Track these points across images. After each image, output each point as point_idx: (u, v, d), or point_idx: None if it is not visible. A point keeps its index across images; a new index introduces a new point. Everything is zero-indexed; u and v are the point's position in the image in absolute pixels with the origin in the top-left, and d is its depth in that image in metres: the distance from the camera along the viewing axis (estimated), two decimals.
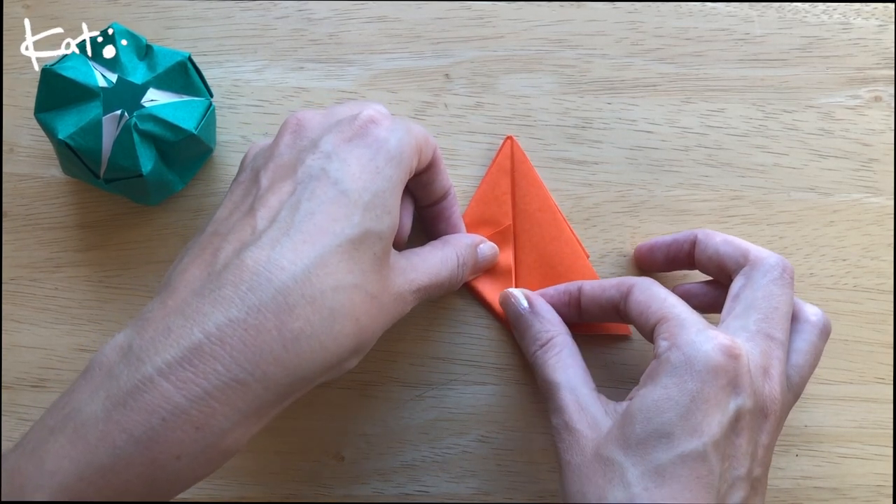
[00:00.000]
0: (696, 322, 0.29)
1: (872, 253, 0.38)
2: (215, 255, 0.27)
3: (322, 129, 0.29)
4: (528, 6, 0.39)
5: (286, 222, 0.26)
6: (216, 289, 0.25)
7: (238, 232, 0.27)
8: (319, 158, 0.28)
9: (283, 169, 0.28)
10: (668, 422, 0.27)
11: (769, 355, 0.29)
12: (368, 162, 0.28)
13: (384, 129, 0.29)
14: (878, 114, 0.39)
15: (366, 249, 0.27)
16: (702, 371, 0.28)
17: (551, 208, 0.37)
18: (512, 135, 0.38)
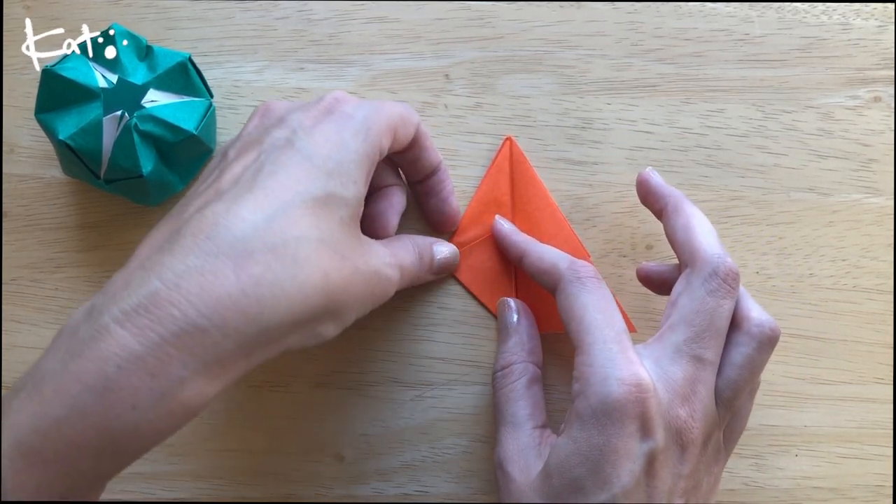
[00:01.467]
0: (605, 359, 0.28)
1: (872, 253, 0.38)
2: (179, 217, 0.27)
3: (289, 110, 0.29)
4: (527, 7, 0.39)
5: (249, 181, 0.26)
6: (176, 241, 0.25)
7: (202, 196, 0.27)
8: (285, 131, 0.28)
9: (249, 144, 0.29)
10: (579, 476, 0.28)
11: (693, 380, 0.29)
12: (334, 135, 0.28)
13: (350, 107, 0.29)
14: (878, 114, 0.39)
15: (331, 211, 0.27)
16: (608, 423, 0.27)
17: (550, 207, 0.37)
18: (511, 135, 0.38)
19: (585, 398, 0.28)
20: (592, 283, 0.31)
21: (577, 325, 0.30)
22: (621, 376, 0.28)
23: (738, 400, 0.30)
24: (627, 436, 0.27)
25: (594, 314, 0.30)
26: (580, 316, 0.30)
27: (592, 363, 0.28)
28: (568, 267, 0.31)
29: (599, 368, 0.28)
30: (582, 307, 0.30)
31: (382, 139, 0.29)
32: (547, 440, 0.31)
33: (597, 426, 0.28)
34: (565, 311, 0.31)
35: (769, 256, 0.38)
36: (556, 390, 0.36)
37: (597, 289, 0.31)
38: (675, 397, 0.28)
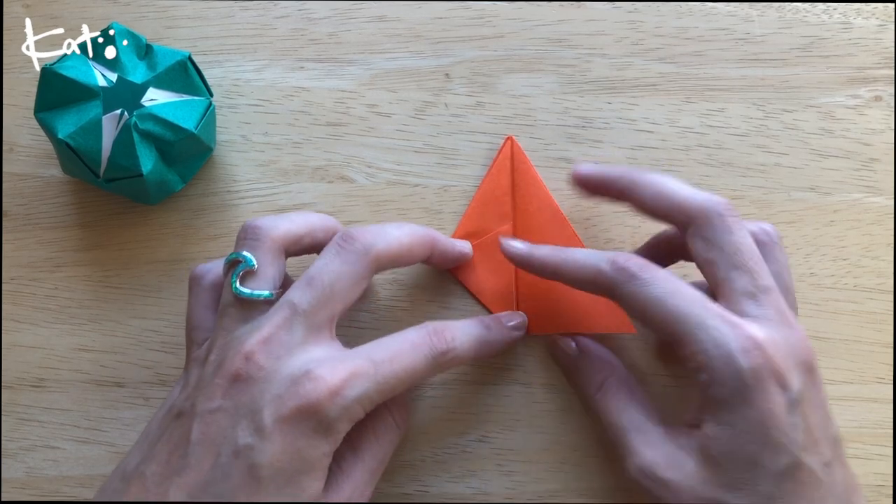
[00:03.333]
0: (712, 336, 0.28)
1: (873, 253, 0.38)
2: (128, 479, 0.28)
3: (266, 394, 0.27)
4: (528, 6, 0.39)
5: (194, 502, 0.27)
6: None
7: (157, 489, 0.27)
8: (248, 433, 0.27)
9: (213, 430, 0.27)
10: (752, 453, 0.28)
11: (777, 306, 0.29)
12: (292, 442, 0.27)
13: (324, 405, 0.27)
14: (879, 113, 0.39)
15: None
16: (753, 395, 0.28)
17: (552, 207, 0.37)
18: (512, 135, 0.38)
19: (719, 385, 0.28)
20: (646, 273, 0.30)
21: (661, 320, 0.29)
22: (739, 347, 0.28)
23: (795, 297, 0.32)
24: (773, 395, 0.28)
25: (671, 302, 0.29)
26: (659, 312, 0.29)
27: (705, 349, 0.28)
28: (612, 268, 0.30)
29: (714, 350, 0.28)
30: (655, 303, 0.29)
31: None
32: (679, 434, 0.30)
33: (744, 402, 0.28)
34: (639, 313, 0.30)
35: None
36: (556, 390, 0.36)
37: (654, 276, 0.30)
38: (780, 328, 0.29)
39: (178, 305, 0.37)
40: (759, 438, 0.28)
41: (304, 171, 0.38)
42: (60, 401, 0.36)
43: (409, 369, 0.29)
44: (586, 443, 0.36)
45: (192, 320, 0.32)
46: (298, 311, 0.28)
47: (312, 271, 0.29)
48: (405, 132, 0.38)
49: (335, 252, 0.30)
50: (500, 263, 0.36)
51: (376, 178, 0.38)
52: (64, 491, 0.36)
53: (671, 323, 0.29)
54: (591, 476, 0.36)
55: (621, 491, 0.36)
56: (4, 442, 0.36)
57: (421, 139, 0.38)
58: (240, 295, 0.30)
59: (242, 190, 0.38)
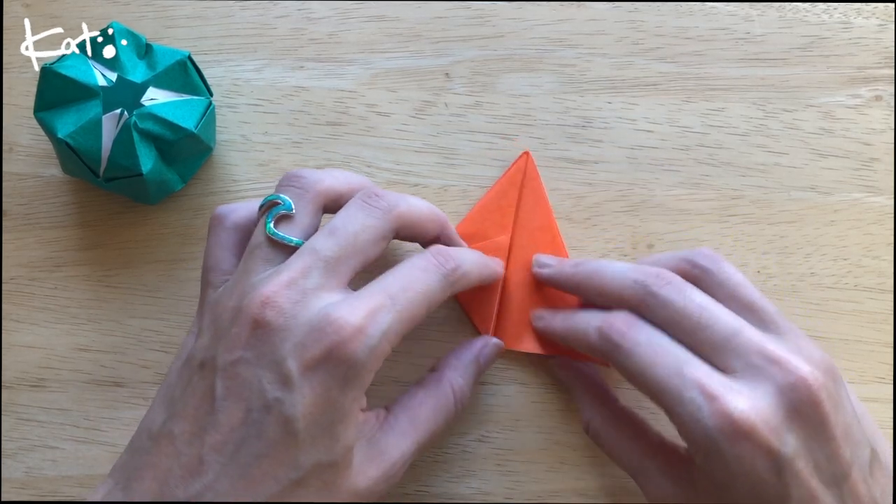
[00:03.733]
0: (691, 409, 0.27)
1: (873, 252, 0.38)
2: (166, 478, 0.27)
3: (287, 342, 0.27)
4: (528, 5, 0.39)
5: (231, 461, 0.26)
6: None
7: (189, 450, 0.27)
8: (276, 387, 0.26)
9: (238, 384, 0.27)
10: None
11: (758, 348, 0.28)
12: (324, 392, 0.26)
13: (351, 346, 0.27)
14: (879, 113, 0.39)
15: (313, 482, 0.27)
16: (733, 472, 0.27)
17: (552, 230, 0.37)
18: (529, 150, 0.37)
19: (704, 459, 0.27)
20: (628, 341, 0.29)
21: (646, 392, 0.29)
22: (717, 427, 0.26)
23: (765, 305, 0.31)
24: (759, 468, 0.26)
25: (650, 374, 0.28)
26: (642, 383, 0.29)
27: (685, 426, 0.27)
28: (599, 338, 0.30)
29: (694, 428, 0.27)
30: (637, 375, 0.29)
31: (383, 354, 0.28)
32: (674, 465, 0.31)
33: (729, 477, 0.27)
34: (628, 380, 0.30)
35: (770, 256, 0.38)
36: (556, 389, 0.36)
37: (635, 343, 0.29)
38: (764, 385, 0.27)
39: (177, 305, 0.37)
40: (752, 500, 0.27)
41: None
42: (60, 401, 0.36)
43: (424, 292, 0.29)
44: (586, 443, 0.36)
45: (209, 260, 0.31)
46: (319, 258, 0.28)
47: (336, 222, 0.29)
48: (405, 132, 0.38)
49: (360, 206, 0.30)
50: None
51: (376, 178, 0.38)
52: (63, 491, 0.36)
53: (654, 395, 0.28)
54: (591, 476, 0.36)
55: (621, 491, 0.36)
56: (4, 442, 0.36)
57: (421, 139, 0.38)
58: (273, 236, 0.29)
59: (242, 190, 0.38)
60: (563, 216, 0.37)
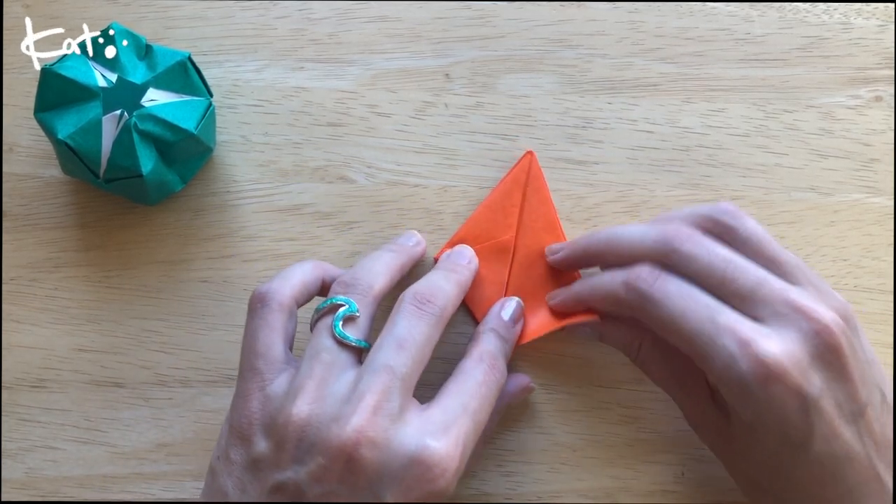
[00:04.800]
0: (723, 355, 0.28)
1: (873, 253, 0.38)
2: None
3: (384, 478, 0.27)
4: (528, 6, 0.39)
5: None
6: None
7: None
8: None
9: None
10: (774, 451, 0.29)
11: (783, 296, 0.29)
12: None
13: (449, 483, 0.27)
14: (879, 114, 0.39)
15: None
16: (764, 410, 0.28)
17: (556, 230, 0.37)
18: (533, 150, 0.37)
19: (736, 401, 0.29)
20: (658, 291, 0.30)
21: (677, 340, 0.30)
22: (750, 371, 0.28)
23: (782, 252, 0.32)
24: (789, 407, 0.28)
25: (682, 322, 0.29)
26: (673, 332, 0.30)
27: (717, 372, 0.29)
28: (626, 291, 0.31)
29: (726, 374, 0.28)
30: (668, 324, 0.30)
31: None
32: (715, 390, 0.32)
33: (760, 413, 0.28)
34: (658, 331, 0.31)
35: None
36: (556, 390, 0.36)
37: (665, 293, 0.30)
38: (791, 329, 0.29)
39: (177, 306, 0.37)
40: (778, 437, 0.28)
41: (303, 171, 0.38)
42: (60, 401, 0.36)
43: (489, 409, 0.30)
44: (586, 443, 0.36)
45: (258, 345, 0.30)
46: (397, 376, 0.28)
47: (401, 333, 0.29)
48: (405, 132, 0.38)
49: (418, 315, 0.30)
50: (493, 272, 0.36)
51: (376, 179, 0.38)
52: (64, 491, 0.36)
53: (685, 342, 0.29)
54: (590, 476, 0.36)
55: (621, 491, 0.36)
56: (4, 442, 0.36)
57: (421, 139, 0.38)
58: (344, 339, 0.29)
59: (242, 190, 0.38)
60: (563, 217, 0.37)
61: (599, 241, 0.33)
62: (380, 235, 0.37)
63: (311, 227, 0.37)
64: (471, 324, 0.37)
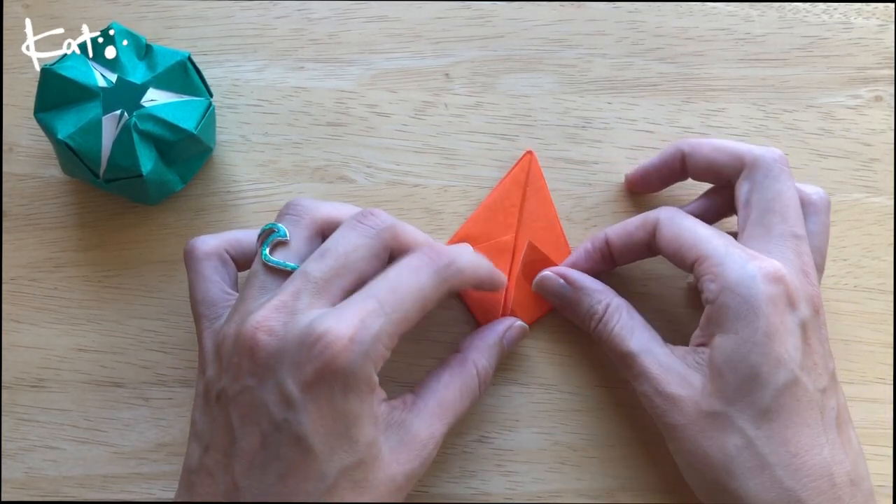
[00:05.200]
0: (735, 256, 0.30)
1: (873, 253, 0.38)
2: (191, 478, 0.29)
3: (282, 364, 0.27)
4: (528, 6, 0.39)
5: (260, 483, 0.27)
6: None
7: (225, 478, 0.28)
8: (282, 408, 0.27)
9: (249, 410, 0.28)
10: (753, 363, 0.29)
11: (800, 254, 0.31)
12: (328, 404, 0.27)
13: (343, 357, 0.27)
14: (879, 113, 0.39)
15: (343, 484, 0.27)
16: (762, 306, 0.29)
17: (556, 230, 0.37)
18: (532, 150, 0.37)
19: (731, 291, 0.30)
20: (663, 215, 0.33)
21: (692, 241, 0.31)
22: (757, 265, 0.30)
23: (824, 263, 0.34)
24: (782, 313, 0.29)
25: (703, 230, 0.32)
26: (691, 234, 0.31)
27: (724, 262, 0.30)
28: (663, 210, 0.33)
29: (733, 263, 0.30)
30: (690, 227, 0.32)
31: (380, 359, 0.28)
32: (681, 351, 0.32)
33: (752, 311, 0.29)
34: (673, 238, 0.32)
35: None
36: (556, 390, 0.36)
37: (669, 218, 0.32)
38: (797, 272, 0.30)
39: (177, 305, 0.37)
40: (762, 350, 0.29)
41: (303, 171, 0.38)
42: (60, 401, 0.36)
43: (416, 291, 0.28)
44: (585, 443, 0.36)
45: (196, 293, 0.32)
46: (310, 280, 0.28)
47: (328, 243, 0.29)
48: (405, 132, 0.38)
49: (352, 225, 0.30)
50: None
51: (376, 179, 0.38)
52: (63, 491, 0.36)
53: (698, 243, 0.31)
54: (590, 476, 0.36)
55: (621, 491, 0.36)
56: (4, 442, 0.36)
57: (421, 139, 0.38)
58: (268, 262, 0.30)
59: (242, 190, 0.38)
60: (563, 216, 0.37)
61: (696, 140, 0.35)
62: None
63: None
64: (471, 324, 0.37)
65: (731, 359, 0.29)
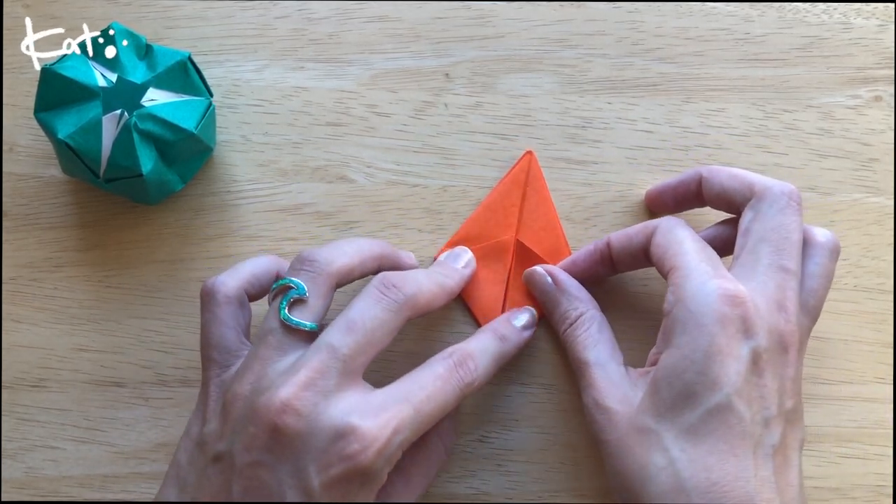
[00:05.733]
0: (701, 272, 0.29)
1: (873, 253, 0.38)
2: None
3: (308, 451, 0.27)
4: (528, 6, 0.39)
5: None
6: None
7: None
8: (296, 494, 0.27)
9: (257, 486, 0.27)
10: (688, 381, 0.28)
11: (783, 287, 0.30)
12: (342, 499, 0.27)
13: (372, 462, 0.27)
14: (879, 113, 0.39)
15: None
16: (709, 324, 0.28)
17: (555, 229, 0.37)
18: (532, 150, 0.37)
19: (684, 305, 0.29)
20: (686, 227, 0.32)
21: (674, 251, 0.31)
22: (718, 284, 0.29)
23: (820, 308, 0.32)
24: (730, 336, 0.28)
25: (691, 243, 0.31)
26: (677, 245, 0.31)
27: (688, 275, 0.29)
28: (665, 219, 0.33)
29: (696, 278, 0.29)
30: (680, 238, 0.31)
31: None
32: (635, 374, 0.31)
33: (698, 328, 0.28)
34: (661, 245, 0.32)
35: None
36: (556, 390, 0.36)
37: (687, 229, 0.32)
38: (772, 304, 0.29)
39: (177, 305, 0.37)
40: (699, 368, 0.28)
41: (303, 171, 0.38)
42: (60, 401, 0.36)
43: (441, 405, 0.29)
44: (585, 443, 0.36)
45: (210, 337, 0.31)
46: (337, 356, 0.28)
47: (354, 315, 0.29)
48: (405, 132, 0.38)
49: (377, 298, 0.30)
50: (493, 272, 0.36)
51: (376, 179, 0.38)
52: (63, 491, 0.36)
53: (677, 254, 0.31)
54: (590, 476, 0.36)
55: None
56: (4, 442, 0.36)
57: (421, 139, 0.38)
58: (287, 322, 0.29)
59: (242, 190, 0.38)
60: (562, 216, 0.37)
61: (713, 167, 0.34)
62: (380, 235, 0.37)
63: (311, 227, 0.37)
64: (471, 324, 0.37)
65: (669, 374, 0.29)
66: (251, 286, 0.32)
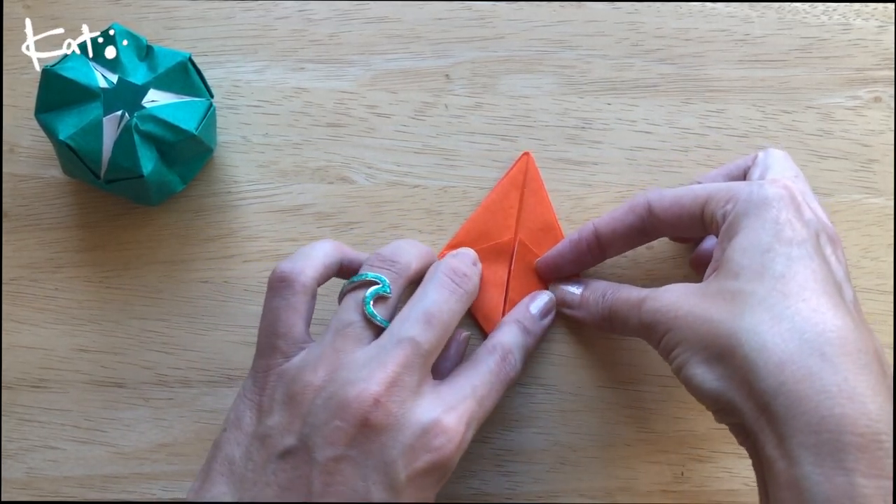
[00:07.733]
0: (743, 183, 0.30)
1: (872, 253, 0.38)
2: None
3: (396, 446, 0.27)
4: (528, 7, 0.39)
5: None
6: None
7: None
8: (382, 489, 0.27)
9: (341, 481, 0.27)
10: (767, 243, 0.28)
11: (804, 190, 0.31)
12: (422, 493, 0.28)
13: (452, 455, 0.28)
14: (878, 114, 0.39)
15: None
16: (772, 202, 0.29)
17: (554, 230, 0.37)
18: (530, 151, 0.38)
19: (742, 200, 0.29)
20: (670, 188, 0.32)
21: (692, 195, 0.31)
22: (766, 180, 0.30)
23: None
24: (793, 211, 0.29)
25: (698, 186, 0.32)
26: (689, 191, 0.31)
27: (732, 187, 0.30)
28: (650, 191, 0.33)
29: (745, 186, 0.30)
30: (684, 189, 0.32)
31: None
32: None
33: (763, 207, 0.29)
34: (672, 204, 0.31)
35: None
36: (556, 390, 0.36)
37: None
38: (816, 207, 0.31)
39: (178, 306, 0.37)
40: (773, 232, 0.28)
41: (304, 171, 0.38)
42: (60, 401, 0.36)
43: (496, 399, 0.31)
44: (585, 443, 0.36)
45: (279, 326, 0.30)
46: (420, 352, 0.28)
47: (431, 307, 0.29)
48: (405, 133, 0.38)
49: (451, 289, 0.30)
50: (493, 274, 0.36)
51: (376, 179, 0.38)
52: (64, 491, 0.36)
53: (703, 194, 0.31)
54: (590, 476, 0.36)
55: (621, 491, 0.36)
56: (4, 442, 0.36)
57: (421, 140, 0.38)
58: (372, 318, 0.29)
59: (243, 191, 0.38)
60: (562, 217, 0.37)
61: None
62: (380, 236, 0.37)
63: (311, 228, 0.37)
64: (471, 324, 0.37)
65: (742, 245, 0.28)
66: (322, 277, 0.31)
